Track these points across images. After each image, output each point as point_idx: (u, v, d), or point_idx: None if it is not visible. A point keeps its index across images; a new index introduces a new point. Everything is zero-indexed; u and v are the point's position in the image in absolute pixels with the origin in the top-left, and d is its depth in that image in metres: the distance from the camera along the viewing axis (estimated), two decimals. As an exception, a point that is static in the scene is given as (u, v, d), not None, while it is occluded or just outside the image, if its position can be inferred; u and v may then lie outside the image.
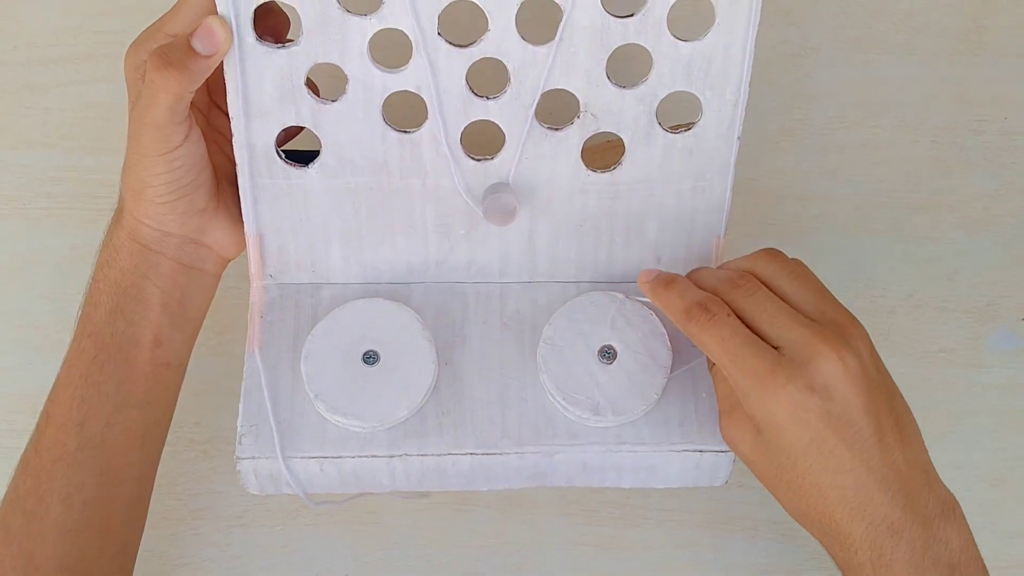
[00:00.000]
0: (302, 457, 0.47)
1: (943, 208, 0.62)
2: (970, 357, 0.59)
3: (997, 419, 0.58)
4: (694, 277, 0.46)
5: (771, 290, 0.44)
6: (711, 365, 0.46)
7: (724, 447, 0.48)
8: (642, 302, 0.49)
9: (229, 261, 0.51)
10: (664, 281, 0.45)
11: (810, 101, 0.62)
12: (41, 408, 0.49)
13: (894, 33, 0.63)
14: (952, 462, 0.57)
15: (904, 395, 0.58)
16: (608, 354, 0.48)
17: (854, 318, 0.43)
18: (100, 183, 0.61)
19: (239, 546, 0.55)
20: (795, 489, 0.43)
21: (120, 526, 0.48)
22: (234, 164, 0.48)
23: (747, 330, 0.42)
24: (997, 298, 0.60)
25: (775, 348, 0.41)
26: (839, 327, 0.42)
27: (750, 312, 0.43)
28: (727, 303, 0.43)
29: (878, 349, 0.58)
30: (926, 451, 0.44)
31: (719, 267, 0.46)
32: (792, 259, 0.45)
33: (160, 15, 0.61)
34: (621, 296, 0.49)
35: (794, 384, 0.40)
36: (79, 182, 0.61)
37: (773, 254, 0.45)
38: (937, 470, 0.57)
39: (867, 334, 0.43)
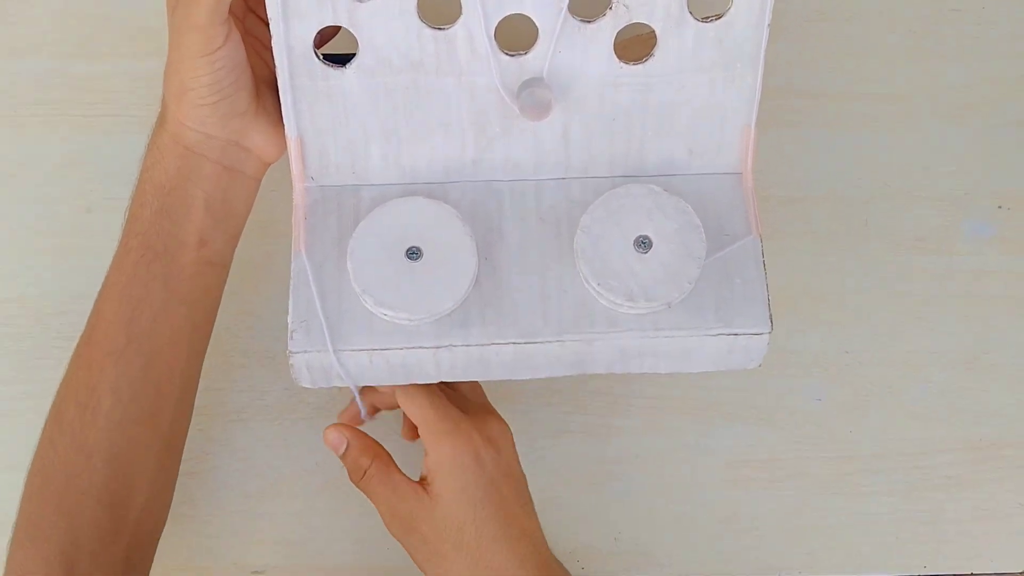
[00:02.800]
0: (352, 350, 0.49)
1: (919, 98, 0.62)
2: (945, 244, 0.60)
3: (969, 304, 0.60)
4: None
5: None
6: (369, 466, 0.52)
7: (759, 329, 0.50)
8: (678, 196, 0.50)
9: (269, 165, 0.52)
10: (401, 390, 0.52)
11: None
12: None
13: (872, -75, 0.64)
14: (925, 346, 0.60)
15: (880, 282, 0.61)
16: (644, 244, 0.50)
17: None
18: (90, 89, 0.62)
19: (240, 440, 0.58)
20: (474, 553, 0.49)
21: (168, 420, 0.50)
22: (272, 69, 0.49)
23: (444, 398, 0.51)
24: (973, 187, 0.61)
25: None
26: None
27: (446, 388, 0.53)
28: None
29: (856, 236, 0.60)
30: None
31: None
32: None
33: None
34: (657, 189, 0.50)
35: (478, 431, 0.50)
36: (69, 88, 0.62)
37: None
38: (910, 355, 0.60)
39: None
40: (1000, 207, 0.61)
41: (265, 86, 0.50)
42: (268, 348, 0.59)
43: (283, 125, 0.50)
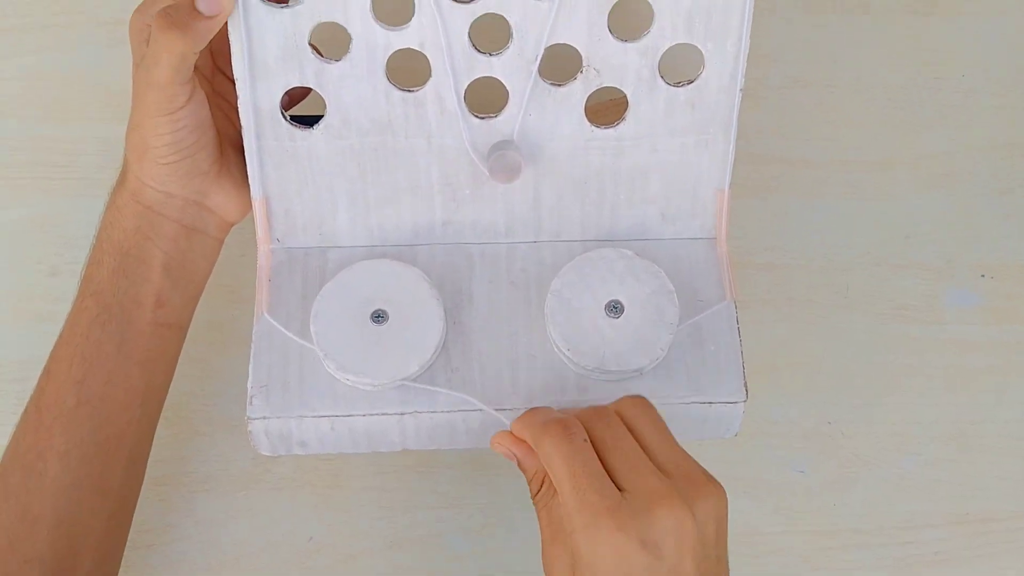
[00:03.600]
0: (313, 416, 0.47)
1: (900, 166, 0.62)
2: (928, 314, 0.60)
3: (955, 374, 0.59)
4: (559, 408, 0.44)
5: (632, 433, 0.42)
6: (540, 490, 0.43)
7: (733, 398, 0.48)
8: (650, 260, 0.50)
9: (232, 225, 0.51)
10: (530, 410, 0.44)
11: (767, 61, 0.62)
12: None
13: (850, -8, 0.64)
14: (910, 418, 0.58)
15: (862, 353, 0.59)
16: (615, 308, 0.49)
17: (712, 479, 0.41)
18: (57, 152, 0.61)
19: (204, 511, 0.56)
20: None
21: (118, 484, 0.49)
22: (238, 129, 0.49)
23: (598, 463, 0.40)
24: (956, 256, 0.60)
25: (620, 489, 0.40)
26: (694, 485, 0.40)
27: (606, 444, 0.41)
28: (587, 429, 0.41)
29: (836, 305, 0.59)
30: None
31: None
32: (653, 408, 0.43)
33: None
34: (630, 253, 0.50)
35: (626, 533, 0.38)
36: (35, 151, 0.61)
37: (639, 399, 0.43)
38: (895, 426, 0.58)
39: (723, 498, 0.41)
40: (983, 276, 0.60)
41: (230, 146, 0.50)
42: (233, 416, 0.57)
43: (247, 185, 0.50)
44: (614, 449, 0.41)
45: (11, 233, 0.60)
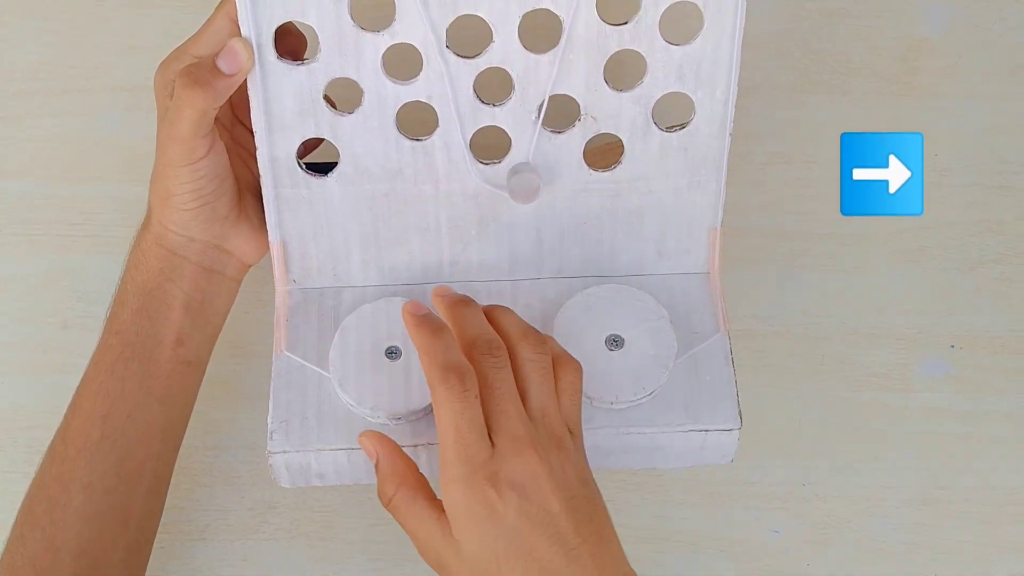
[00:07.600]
0: (331, 449, 0.50)
1: (875, 240, 0.64)
2: (900, 382, 0.61)
3: (925, 441, 0.60)
4: (459, 315, 0.47)
5: (517, 374, 0.46)
6: (395, 494, 0.46)
7: (729, 426, 0.51)
8: (648, 295, 0.52)
9: (249, 267, 0.54)
10: (432, 328, 0.47)
11: (750, 138, 0.64)
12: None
13: (830, 75, 0.66)
14: (882, 482, 0.60)
15: (837, 418, 0.60)
16: (616, 342, 0.51)
17: (566, 431, 0.46)
18: (75, 211, 0.63)
19: (200, 559, 0.57)
20: None
21: (138, 516, 0.50)
22: (256, 176, 0.51)
23: (481, 419, 0.45)
24: (928, 327, 0.62)
25: (490, 431, 0.45)
26: (552, 435, 0.45)
27: (491, 389, 0.45)
28: (478, 372, 0.45)
29: (813, 372, 0.61)
30: (623, 554, 0.46)
31: (496, 312, 0.48)
32: (555, 354, 0.47)
33: (130, 51, 0.63)
34: (629, 288, 0.52)
35: (493, 483, 0.43)
36: (54, 209, 0.63)
37: (540, 342, 0.47)
38: (868, 490, 0.59)
39: (575, 450, 0.46)
40: (953, 347, 0.62)
41: (248, 192, 0.52)
42: (234, 468, 0.59)
43: (264, 229, 0.52)
44: (492, 392, 0.45)
45: (27, 287, 0.62)
